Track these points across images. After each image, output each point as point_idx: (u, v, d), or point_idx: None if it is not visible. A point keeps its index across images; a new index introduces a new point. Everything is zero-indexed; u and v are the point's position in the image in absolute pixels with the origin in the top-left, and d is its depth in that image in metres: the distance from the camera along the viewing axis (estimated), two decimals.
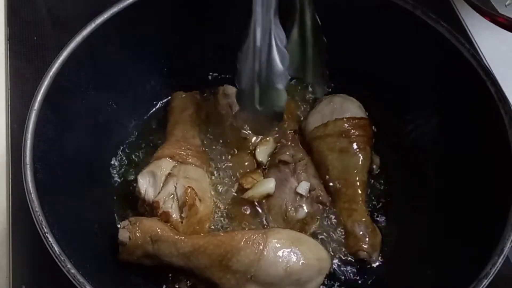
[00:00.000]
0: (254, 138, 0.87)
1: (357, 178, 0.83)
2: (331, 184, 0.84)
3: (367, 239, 0.79)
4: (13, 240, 0.85)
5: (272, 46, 0.75)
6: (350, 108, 0.88)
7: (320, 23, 0.85)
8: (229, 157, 0.88)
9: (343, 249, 0.81)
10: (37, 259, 0.82)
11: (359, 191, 0.83)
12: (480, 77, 0.74)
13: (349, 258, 0.80)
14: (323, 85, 0.92)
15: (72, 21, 1.06)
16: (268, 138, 0.87)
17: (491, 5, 0.85)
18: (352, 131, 0.85)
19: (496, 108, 0.72)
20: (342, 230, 0.82)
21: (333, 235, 0.82)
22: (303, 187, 0.82)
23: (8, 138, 0.94)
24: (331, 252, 0.80)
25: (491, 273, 0.64)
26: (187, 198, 0.77)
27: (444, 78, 0.80)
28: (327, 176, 0.85)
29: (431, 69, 0.82)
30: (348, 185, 0.83)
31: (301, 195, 0.82)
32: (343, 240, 0.81)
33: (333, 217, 0.83)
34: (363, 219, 0.81)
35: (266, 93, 0.79)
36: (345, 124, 0.85)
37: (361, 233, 0.80)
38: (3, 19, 1.09)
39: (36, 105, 0.72)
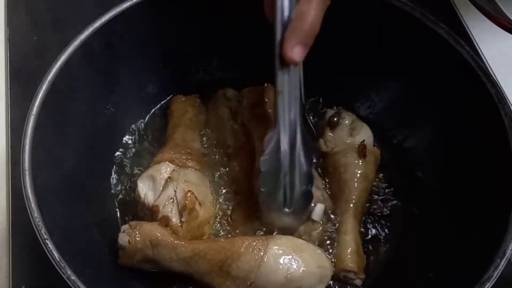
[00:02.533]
0: (256, 143, 0.85)
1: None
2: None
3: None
4: (13, 240, 0.85)
5: (298, 147, 0.73)
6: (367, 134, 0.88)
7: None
8: (230, 160, 0.87)
9: None
10: (37, 259, 0.82)
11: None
12: (480, 79, 0.74)
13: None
14: None
15: (72, 21, 1.06)
16: None
17: (501, 10, 0.85)
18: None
19: (496, 109, 0.72)
20: None
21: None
22: (318, 214, 0.80)
23: (8, 138, 0.94)
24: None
25: (494, 276, 0.63)
26: (187, 202, 0.76)
27: (443, 80, 0.80)
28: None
29: (430, 71, 0.81)
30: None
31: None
32: None
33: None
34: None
35: (293, 195, 0.77)
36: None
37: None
38: (3, 19, 1.09)
39: (34, 110, 0.71)
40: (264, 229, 0.81)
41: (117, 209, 0.85)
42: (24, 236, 0.84)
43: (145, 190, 0.79)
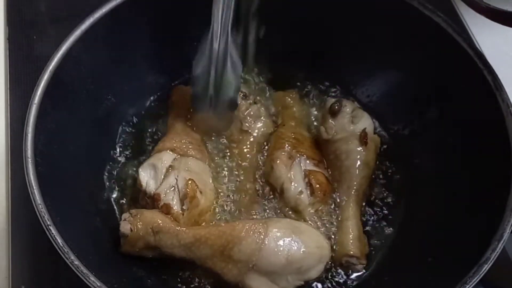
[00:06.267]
0: (256, 131, 0.87)
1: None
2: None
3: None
4: (12, 240, 0.85)
5: (227, 56, 0.78)
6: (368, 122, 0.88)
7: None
8: (230, 150, 0.88)
9: None
10: (37, 259, 0.82)
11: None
12: (477, 66, 0.75)
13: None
14: None
15: (71, 19, 1.05)
16: None
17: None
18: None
19: (494, 96, 0.73)
20: None
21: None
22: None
23: (8, 138, 0.94)
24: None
25: (491, 258, 0.64)
26: (188, 190, 0.77)
27: (441, 68, 0.81)
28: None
29: (428, 59, 0.82)
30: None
31: None
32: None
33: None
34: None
35: (218, 95, 0.83)
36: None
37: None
38: (2, 19, 1.09)
39: (36, 98, 0.72)
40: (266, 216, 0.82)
41: (119, 198, 0.85)
42: (24, 236, 0.85)
43: (146, 178, 0.80)
